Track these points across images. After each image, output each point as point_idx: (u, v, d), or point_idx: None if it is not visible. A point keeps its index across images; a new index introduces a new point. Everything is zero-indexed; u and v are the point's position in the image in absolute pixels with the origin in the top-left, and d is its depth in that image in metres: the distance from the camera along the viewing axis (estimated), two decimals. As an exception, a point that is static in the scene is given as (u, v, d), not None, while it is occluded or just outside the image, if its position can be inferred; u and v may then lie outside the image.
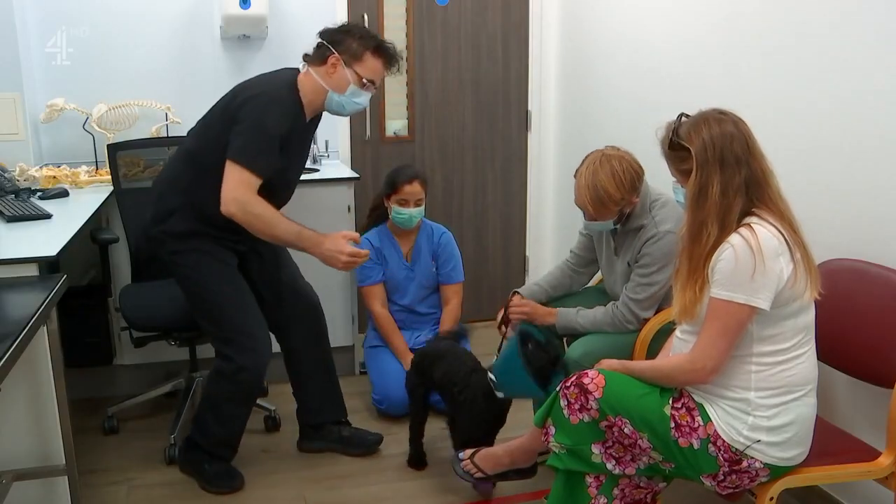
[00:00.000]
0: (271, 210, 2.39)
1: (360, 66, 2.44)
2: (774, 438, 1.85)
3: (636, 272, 2.45)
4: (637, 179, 2.42)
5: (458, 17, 4.01)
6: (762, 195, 1.86)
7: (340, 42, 2.45)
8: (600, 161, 2.39)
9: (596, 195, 2.37)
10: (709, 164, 1.83)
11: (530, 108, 4.19)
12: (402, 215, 3.16)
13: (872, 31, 2.15)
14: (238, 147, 2.35)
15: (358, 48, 2.44)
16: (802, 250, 1.85)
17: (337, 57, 2.43)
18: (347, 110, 2.53)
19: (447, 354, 2.66)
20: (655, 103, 3.18)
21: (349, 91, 2.46)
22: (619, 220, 2.47)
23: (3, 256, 2.16)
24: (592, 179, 2.37)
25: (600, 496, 2.01)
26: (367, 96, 2.52)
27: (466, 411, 2.50)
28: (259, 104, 2.38)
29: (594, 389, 1.94)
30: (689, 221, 1.88)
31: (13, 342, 1.65)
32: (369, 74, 2.46)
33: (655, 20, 3.20)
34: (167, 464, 2.77)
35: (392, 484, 2.67)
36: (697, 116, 1.90)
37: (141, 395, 3.10)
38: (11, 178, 2.98)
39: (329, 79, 2.45)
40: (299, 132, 2.51)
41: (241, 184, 2.34)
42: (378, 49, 2.46)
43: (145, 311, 2.80)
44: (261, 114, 2.36)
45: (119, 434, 3.01)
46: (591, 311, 2.52)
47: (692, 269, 1.87)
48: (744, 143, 1.85)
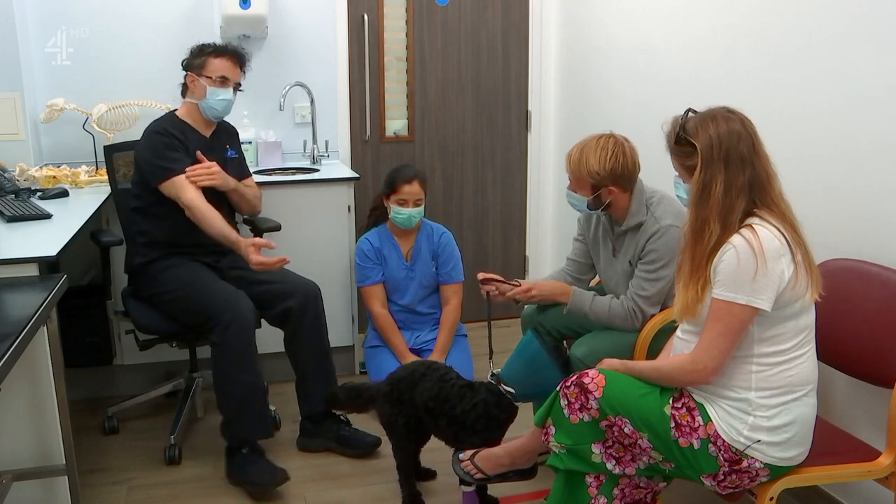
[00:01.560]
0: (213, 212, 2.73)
1: (207, 69, 2.83)
2: (774, 438, 1.85)
3: (642, 269, 2.45)
4: (622, 166, 2.40)
5: (458, 17, 4.01)
6: (765, 196, 1.86)
7: (189, 64, 2.87)
8: (603, 136, 2.45)
9: (578, 158, 2.43)
10: (714, 162, 1.83)
11: (530, 108, 4.19)
12: (402, 215, 3.16)
13: (871, 32, 2.15)
14: (153, 172, 2.76)
15: (200, 59, 2.84)
16: (803, 251, 1.85)
17: (191, 75, 2.85)
18: (218, 109, 2.87)
19: (427, 374, 2.47)
20: (655, 103, 3.18)
21: (209, 93, 2.82)
22: (595, 206, 2.47)
23: (3, 256, 2.16)
24: (584, 144, 2.44)
25: (600, 496, 2.01)
26: (228, 91, 2.85)
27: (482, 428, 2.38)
28: (144, 140, 2.85)
29: (594, 389, 1.94)
30: (692, 219, 1.88)
31: (13, 342, 1.65)
32: (218, 72, 2.82)
33: (655, 20, 3.20)
34: (167, 464, 2.77)
35: (392, 484, 2.66)
36: (705, 113, 1.90)
37: (141, 395, 3.11)
38: (11, 178, 2.99)
39: (193, 95, 2.86)
40: (202, 143, 2.86)
41: (180, 189, 2.73)
42: (216, 51, 2.85)
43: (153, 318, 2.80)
44: (146, 143, 2.82)
45: (119, 434, 3.01)
46: (605, 302, 2.49)
47: (694, 267, 1.87)
48: (750, 143, 1.85)
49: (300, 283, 2.86)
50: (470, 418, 2.36)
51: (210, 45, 2.89)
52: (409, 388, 2.48)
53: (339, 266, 3.43)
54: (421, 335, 3.30)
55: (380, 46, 3.93)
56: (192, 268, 2.80)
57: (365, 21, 3.85)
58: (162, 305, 2.78)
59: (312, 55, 3.72)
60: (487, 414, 2.36)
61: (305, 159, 3.79)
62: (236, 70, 2.87)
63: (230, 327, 2.57)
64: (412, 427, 2.49)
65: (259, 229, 3.07)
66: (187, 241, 2.80)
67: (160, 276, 2.78)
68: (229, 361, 2.59)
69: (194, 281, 2.74)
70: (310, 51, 3.72)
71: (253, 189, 3.05)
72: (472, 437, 2.39)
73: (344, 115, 3.87)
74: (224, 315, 2.58)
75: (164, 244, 2.82)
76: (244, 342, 2.60)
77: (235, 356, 2.59)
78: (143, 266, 2.82)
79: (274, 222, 3.10)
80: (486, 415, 2.36)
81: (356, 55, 3.88)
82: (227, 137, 3.01)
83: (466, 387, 2.43)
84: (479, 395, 2.38)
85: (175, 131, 2.81)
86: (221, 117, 2.93)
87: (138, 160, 2.83)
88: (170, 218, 2.78)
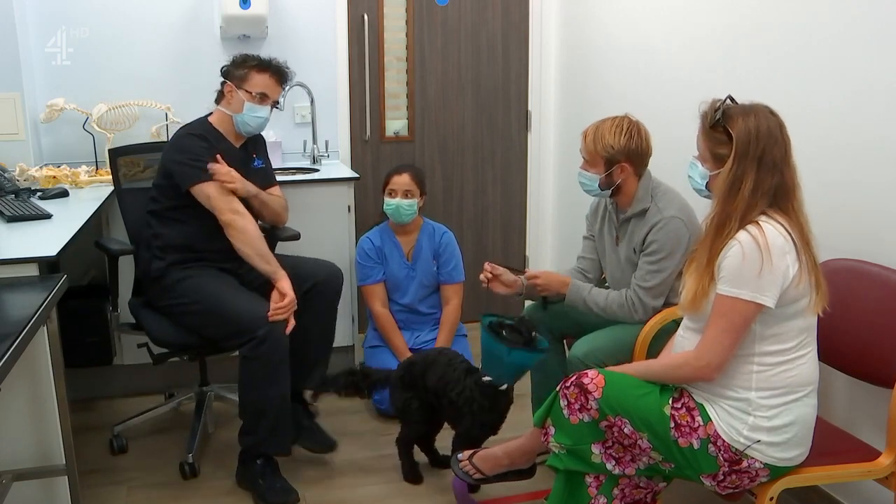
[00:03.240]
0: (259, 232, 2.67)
1: (248, 84, 2.73)
2: (775, 439, 1.85)
3: (645, 259, 2.45)
4: (637, 144, 2.45)
5: (458, 17, 4.01)
6: (786, 206, 1.85)
7: (229, 72, 2.77)
8: (619, 117, 2.51)
9: (594, 133, 2.48)
10: (748, 158, 1.82)
11: (530, 108, 4.19)
12: (390, 206, 3.17)
13: (871, 32, 2.15)
14: (185, 174, 2.65)
15: (242, 71, 2.74)
16: (810, 261, 1.84)
17: (230, 84, 2.75)
18: (252, 126, 2.78)
19: (438, 359, 2.63)
20: (655, 103, 3.18)
21: (246, 108, 2.73)
22: (607, 186, 2.48)
23: (3, 256, 2.15)
24: (601, 123, 2.51)
25: (600, 496, 2.01)
26: (265, 109, 2.77)
27: (468, 412, 2.49)
28: (175, 141, 2.75)
29: (594, 389, 1.94)
30: (718, 212, 1.87)
31: (13, 342, 1.65)
32: (258, 88, 2.73)
33: (655, 20, 3.20)
34: (184, 479, 2.70)
35: (392, 484, 2.67)
36: (748, 106, 1.88)
37: (148, 411, 3.03)
38: (11, 178, 2.98)
39: (229, 105, 2.76)
40: (231, 154, 2.74)
41: (214, 196, 2.63)
42: (259, 66, 2.75)
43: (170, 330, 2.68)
44: (179, 145, 2.72)
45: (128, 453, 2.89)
46: (603, 291, 2.51)
47: (710, 259, 1.86)
48: (784, 150, 1.85)
49: (323, 264, 2.86)
50: (461, 401, 2.50)
51: (254, 57, 2.78)
52: (421, 373, 2.62)
53: (339, 266, 3.43)
54: (421, 335, 3.30)
55: (380, 46, 3.93)
56: (213, 278, 2.67)
57: (365, 21, 3.85)
58: (179, 318, 2.67)
59: (312, 55, 3.72)
60: (472, 398, 2.48)
61: (305, 159, 3.79)
62: (278, 88, 2.78)
63: (265, 342, 2.46)
64: (426, 411, 2.63)
65: (276, 238, 2.94)
66: (205, 246, 2.70)
67: (178, 287, 2.65)
68: (260, 376, 2.50)
69: (218, 293, 2.61)
70: (310, 51, 3.72)
71: (278, 199, 2.91)
72: (470, 420, 2.49)
73: (344, 115, 3.87)
74: (258, 330, 2.46)
75: (180, 248, 2.69)
76: (278, 358, 2.50)
77: (269, 371, 2.50)
78: (159, 273, 2.69)
79: (293, 231, 2.97)
80: (471, 399, 2.48)
81: (356, 55, 3.88)
82: (255, 146, 2.90)
83: (465, 371, 2.56)
84: (469, 381, 2.51)
85: (210, 137, 2.72)
86: (254, 134, 2.84)
87: (166, 162, 2.71)
88: (190, 223, 2.69)
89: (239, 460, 2.65)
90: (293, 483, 2.58)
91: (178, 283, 2.66)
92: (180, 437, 2.90)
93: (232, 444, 2.68)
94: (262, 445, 2.57)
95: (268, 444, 2.57)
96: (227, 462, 2.74)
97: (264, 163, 2.93)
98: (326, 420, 2.99)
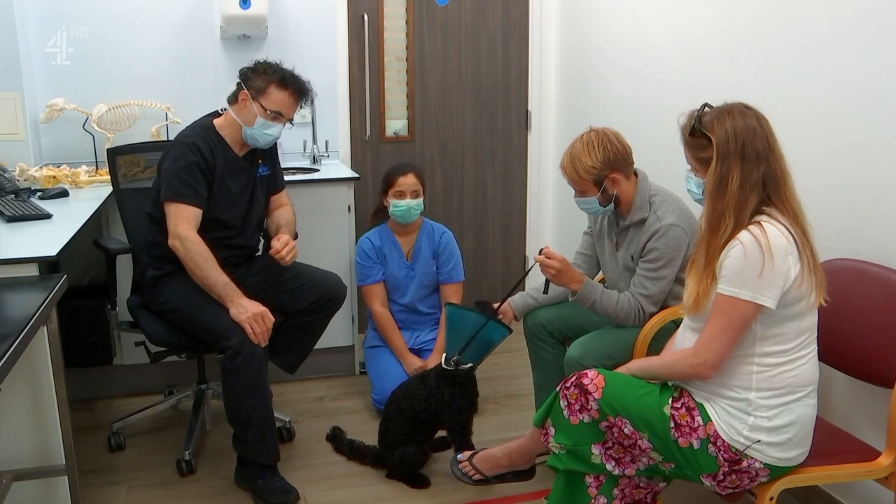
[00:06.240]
0: (208, 254, 2.52)
1: (265, 99, 2.58)
2: (775, 439, 1.85)
3: (643, 267, 2.45)
4: (613, 152, 2.43)
5: (458, 17, 4.01)
6: (778, 194, 1.85)
7: (249, 79, 2.61)
8: (584, 134, 2.50)
9: (570, 162, 2.47)
10: (730, 156, 1.83)
11: (530, 108, 4.19)
12: (400, 207, 3.15)
13: (871, 32, 2.15)
14: (165, 188, 2.55)
15: (262, 83, 2.59)
16: (810, 253, 1.85)
17: (246, 93, 2.60)
18: (260, 142, 2.66)
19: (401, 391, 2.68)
20: (655, 103, 3.18)
21: (258, 123, 2.60)
22: (607, 202, 2.47)
23: (3, 256, 2.15)
24: (571, 148, 2.49)
25: (600, 496, 2.01)
26: (277, 127, 2.64)
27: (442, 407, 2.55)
28: (173, 148, 2.62)
29: (594, 390, 1.94)
30: (709, 212, 1.88)
31: (13, 342, 1.65)
32: (274, 106, 2.59)
33: (656, 20, 3.20)
34: (181, 476, 2.72)
35: (392, 484, 2.67)
36: (723, 107, 1.90)
37: (146, 408, 3.04)
38: (11, 178, 2.98)
39: (240, 114, 2.62)
40: (231, 165, 2.66)
41: (179, 218, 2.52)
42: (281, 82, 2.60)
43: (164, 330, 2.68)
44: (174, 154, 2.59)
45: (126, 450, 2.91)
46: (613, 296, 2.48)
47: (709, 259, 1.87)
48: (765, 139, 1.85)
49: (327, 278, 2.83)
50: (432, 401, 2.56)
51: (277, 70, 2.62)
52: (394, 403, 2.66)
53: (338, 266, 3.43)
54: (421, 335, 3.30)
55: (380, 46, 3.93)
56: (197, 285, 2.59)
57: (365, 21, 3.85)
58: (171, 321, 2.66)
59: (312, 55, 3.72)
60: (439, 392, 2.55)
61: (305, 159, 3.79)
62: (294, 108, 2.65)
63: (239, 355, 2.44)
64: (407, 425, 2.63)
65: None
66: None
67: (164, 291, 2.64)
68: (240, 387, 2.48)
69: (198, 300, 2.55)
70: (310, 51, 3.72)
71: (288, 215, 2.85)
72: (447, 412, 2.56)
73: (344, 115, 3.87)
74: (232, 340, 2.44)
75: (176, 259, 2.58)
76: (255, 369, 2.48)
77: (247, 383, 2.48)
78: (154, 280, 2.68)
79: None
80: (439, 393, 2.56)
81: (356, 55, 3.88)
82: (261, 152, 2.77)
83: (420, 379, 2.64)
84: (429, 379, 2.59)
85: (206, 150, 2.58)
86: (260, 148, 2.72)
87: (161, 167, 2.63)
88: None
89: (238, 461, 2.65)
90: (293, 483, 2.58)
91: (164, 288, 2.65)
92: (179, 435, 2.90)
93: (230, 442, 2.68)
94: (252, 454, 2.56)
95: (257, 453, 2.56)
96: (226, 460, 2.75)
97: (271, 169, 2.83)
98: (326, 421, 2.99)
